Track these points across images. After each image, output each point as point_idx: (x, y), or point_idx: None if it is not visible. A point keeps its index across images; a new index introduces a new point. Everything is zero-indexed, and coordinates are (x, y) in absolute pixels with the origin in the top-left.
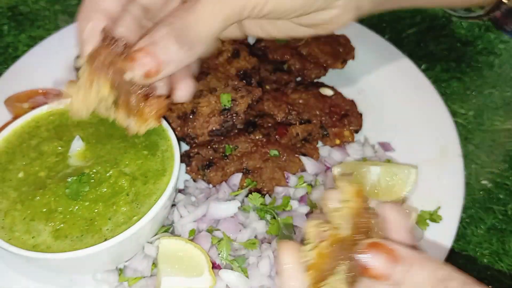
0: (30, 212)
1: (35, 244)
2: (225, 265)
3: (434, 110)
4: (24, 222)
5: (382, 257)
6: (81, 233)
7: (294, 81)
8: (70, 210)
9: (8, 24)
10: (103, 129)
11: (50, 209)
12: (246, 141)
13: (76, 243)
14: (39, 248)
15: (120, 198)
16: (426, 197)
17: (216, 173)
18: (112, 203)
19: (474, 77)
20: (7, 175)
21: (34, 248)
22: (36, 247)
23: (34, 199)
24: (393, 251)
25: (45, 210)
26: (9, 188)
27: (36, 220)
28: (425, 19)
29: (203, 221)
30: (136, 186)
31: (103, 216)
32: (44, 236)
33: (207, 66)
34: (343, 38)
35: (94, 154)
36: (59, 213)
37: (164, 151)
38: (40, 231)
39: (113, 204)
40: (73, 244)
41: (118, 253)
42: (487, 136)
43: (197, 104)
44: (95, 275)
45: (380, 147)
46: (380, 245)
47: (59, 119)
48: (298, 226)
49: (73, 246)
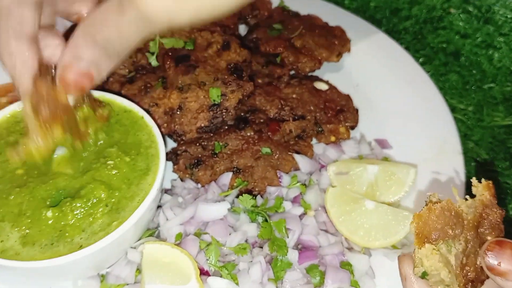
0: (2, 211)
1: (3, 250)
2: (214, 272)
3: (433, 106)
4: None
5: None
6: (50, 241)
7: (287, 74)
8: (38, 217)
9: None
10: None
11: (20, 210)
12: (236, 138)
13: (46, 250)
14: (7, 254)
15: (97, 210)
16: (425, 197)
17: (205, 172)
18: (89, 214)
19: (473, 71)
20: None
21: (2, 253)
22: (4, 252)
23: (9, 197)
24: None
25: (16, 211)
26: None
27: (6, 221)
28: (423, 10)
29: (191, 223)
30: (116, 196)
31: (76, 228)
32: (11, 241)
33: (195, 59)
34: (339, 30)
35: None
36: (26, 217)
37: (148, 148)
38: (8, 235)
39: (90, 216)
40: (43, 251)
41: (98, 260)
42: (487, 132)
43: (184, 99)
44: (76, 282)
45: (377, 144)
46: (506, 243)
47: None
48: (291, 229)
49: (43, 253)
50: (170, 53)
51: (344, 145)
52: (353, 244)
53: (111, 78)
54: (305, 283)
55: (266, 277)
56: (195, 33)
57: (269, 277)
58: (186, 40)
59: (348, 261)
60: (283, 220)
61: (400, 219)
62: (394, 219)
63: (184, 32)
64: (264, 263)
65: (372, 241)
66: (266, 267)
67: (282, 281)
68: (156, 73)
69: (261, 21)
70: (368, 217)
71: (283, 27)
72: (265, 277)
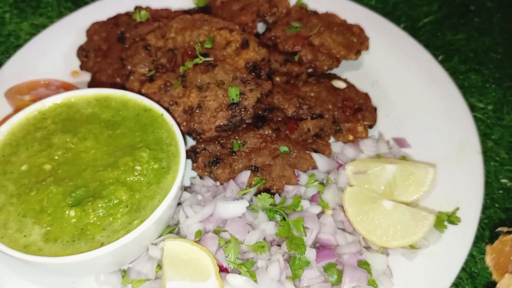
0: (24, 207)
1: (26, 244)
2: (233, 269)
3: (452, 104)
4: (17, 219)
5: None
6: (72, 239)
7: (305, 72)
8: (60, 216)
9: (10, 11)
10: (109, 131)
11: (42, 207)
12: (254, 136)
13: (68, 247)
14: (30, 249)
15: (117, 210)
16: (443, 196)
17: (224, 170)
18: (110, 214)
19: (493, 69)
20: (9, 167)
21: (25, 248)
22: (27, 247)
23: (30, 193)
24: None
25: (37, 208)
26: (9, 181)
27: (28, 217)
28: (442, 7)
29: (210, 221)
30: (137, 198)
31: (97, 226)
32: (34, 236)
33: (214, 57)
34: (357, 28)
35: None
36: (48, 215)
37: (168, 145)
38: (30, 231)
39: (110, 216)
40: (64, 248)
41: (120, 256)
42: (507, 132)
43: (203, 98)
44: (98, 277)
45: (395, 143)
46: None
47: (67, 112)
48: (309, 227)
49: (65, 250)
50: (189, 52)
51: (362, 144)
52: (370, 243)
53: (132, 77)
54: (323, 282)
55: (284, 275)
56: (213, 31)
57: (287, 275)
58: (205, 38)
59: (365, 260)
60: (301, 219)
61: (419, 219)
62: (412, 219)
63: (203, 31)
64: (282, 261)
65: (390, 241)
66: (284, 265)
67: (300, 279)
68: (176, 72)
69: (280, 19)
70: (386, 216)
71: (301, 25)
72: (283, 275)
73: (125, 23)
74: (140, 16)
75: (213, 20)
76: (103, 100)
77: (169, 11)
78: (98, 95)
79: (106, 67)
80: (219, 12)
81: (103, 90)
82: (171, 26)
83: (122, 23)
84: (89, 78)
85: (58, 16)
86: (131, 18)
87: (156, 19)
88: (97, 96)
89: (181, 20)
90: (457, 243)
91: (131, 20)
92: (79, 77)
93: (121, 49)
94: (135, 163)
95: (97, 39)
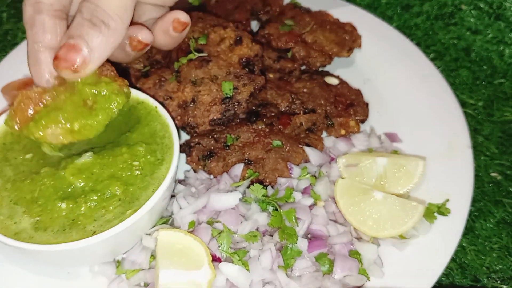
0: (16, 194)
1: (17, 232)
2: (226, 258)
3: (443, 100)
4: (9, 206)
5: None
6: (63, 228)
7: (298, 69)
8: (51, 208)
9: (8, 11)
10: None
11: (33, 197)
12: (248, 130)
13: (59, 236)
14: (21, 237)
15: (111, 203)
16: (434, 189)
17: (217, 163)
18: (102, 207)
19: (483, 67)
20: (10, 154)
21: (16, 235)
22: (18, 234)
23: (25, 182)
24: None
25: (28, 197)
26: (9, 167)
27: (19, 205)
28: (434, 6)
29: (203, 212)
30: (130, 191)
31: (88, 217)
32: (24, 224)
33: (208, 53)
34: (349, 26)
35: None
36: (38, 206)
37: (162, 138)
38: (20, 219)
39: (102, 208)
40: (55, 236)
41: (114, 246)
42: (496, 127)
43: (198, 93)
44: (92, 267)
45: (387, 138)
46: None
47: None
48: (301, 218)
49: (56, 238)
50: (183, 48)
51: (354, 138)
52: (361, 234)
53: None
54: (314, 271)
55: (276, 264)
56: (208, 28)
57: (279, 264)
58: (200, 35)
59: (356, 250)
60: (293, 210)
61: (408, 209)
62: (402, 209)
63: (198, 28)
64: (275, 250)
65: (381, 231)
66: (276, 254)
67: (292, 268)
68: (170, 68)
69: (273, 17)
70: (376, 207)
71: (294, 23)
72: (275, 264)
73: None
74: None
75: (207, 18)
76: None
77: None
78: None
79: None
80: (214, 10)
81: None
82: None
83: None
84: None
85: None
86: None
87: None
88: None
89: None
90: (447, 234)
91: None
92: None
93: None
94: (133, 158)
95: None
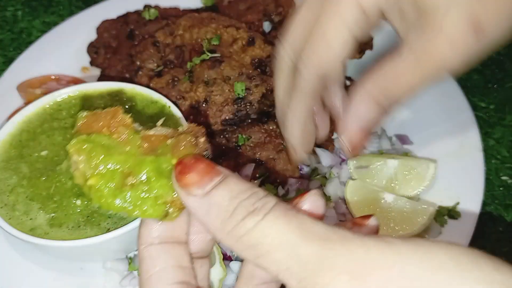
0: (32, 190)
1: (32, 227)
2: (236, 257)
3: (454, 103)
4: (25, 202)
5: None
6: (77, 224)
7: None
8: (66, 204)
9: (23, 9)
10: None
11: (48, 194)
12: (259, 131)
13: (74, 232)
14: (36, 232)
15: None
16: (444, 192)
17: (229, 163)
18: None
19: (495, 70)
20: (26, 151)
21: (31, 231)
22: (33, 230)
23: (41, 179)
24: None
25: (44, 194)
26: (25, 163)
27: (35, 202)
28: None
29: None
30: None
31: (102, 215)
32: (39, 220)
33: (221, 54)
34: None
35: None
36: (53, 202)
37: None
38: (36, 215)
39: None
40: (70, 232)
41: (127, 242)
42: (508, 131)
43: (210, 93)
44: (105, 264)
45: (398, 139)
46: None
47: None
48: None
49: (71, 235)
50: (196, 48)
51: None
52: None
53: (141, 72)
54: None
55: None
56: (221, 29)
57: None
58: (212, 36)
59: None
60: None
61: (419, 212)
62: (412, 211)
63: (211, 28)
64: None
65: (391, 233)
66: None
67: None
68: (183, 68)
69: (285, 18)
70: (387, 209)
71: None
72: None
73: (134, 21)
74: (149, 14)
75: (220, 19)
76: (114, 94)
77: (178, 9)
78: (111, 89)
79: (116, 63)
80: (226, 11)
81: (114, 83)
82: (179, 24)
83: (131, 21)
84: (98, 74)
85: (69, 14)
86: (140, 16)
87: (165, 17)
88: (110, 90)
89: (189, 18)
90: (457, 237)
91: (140, 18)
92: (88, 73)
93: (131, 46)
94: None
95: (107, 36)
